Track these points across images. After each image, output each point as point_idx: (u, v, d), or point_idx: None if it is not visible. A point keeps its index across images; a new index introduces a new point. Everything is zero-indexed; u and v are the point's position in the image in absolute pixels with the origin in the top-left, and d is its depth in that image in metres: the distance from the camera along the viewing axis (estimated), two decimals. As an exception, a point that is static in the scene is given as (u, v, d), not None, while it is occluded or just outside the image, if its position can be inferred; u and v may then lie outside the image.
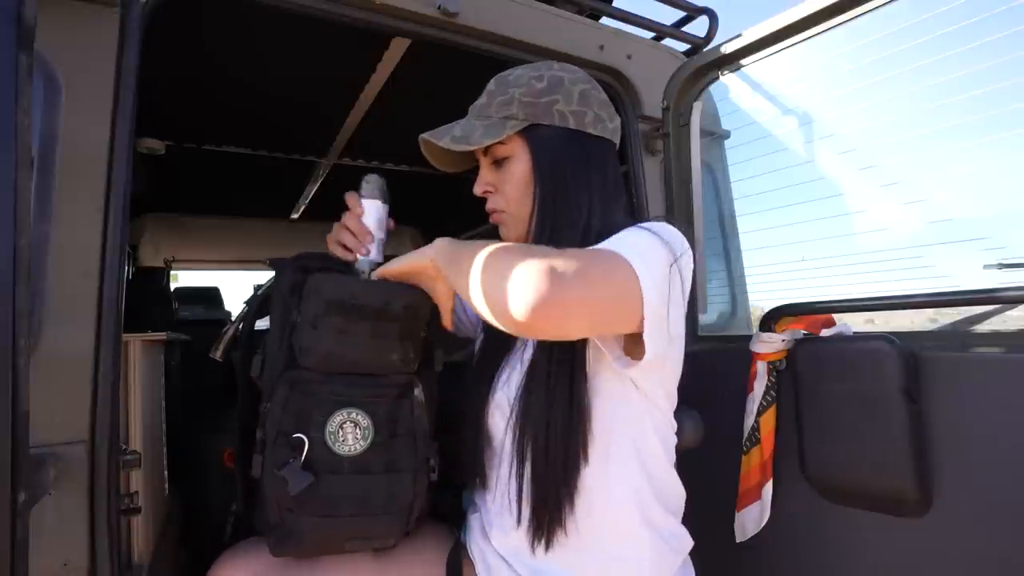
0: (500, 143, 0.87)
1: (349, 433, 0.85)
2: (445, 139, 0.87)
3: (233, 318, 1.03)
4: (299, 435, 0.83)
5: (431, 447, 0.93)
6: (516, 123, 0.86)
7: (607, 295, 0.66)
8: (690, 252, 0.80)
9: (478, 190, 0.92)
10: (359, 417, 0.86)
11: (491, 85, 0.92)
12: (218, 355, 1.00)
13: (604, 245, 0.73)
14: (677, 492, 0.93)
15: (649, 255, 0.71)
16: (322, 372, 0.85)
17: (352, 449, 0.86)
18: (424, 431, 0.91)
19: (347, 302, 0.84)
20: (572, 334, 0.68)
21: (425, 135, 0.90)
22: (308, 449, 0.83)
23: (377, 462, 0.88)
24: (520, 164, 0.88)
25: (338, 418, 0.85)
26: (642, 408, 0.85)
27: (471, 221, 3.14)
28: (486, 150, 0.89)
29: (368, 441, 0.86)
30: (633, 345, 0.76)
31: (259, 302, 0.97)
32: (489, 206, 0.92)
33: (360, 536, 0.90)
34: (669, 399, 0.89)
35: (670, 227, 0.80)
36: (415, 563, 0.97)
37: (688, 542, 0.94)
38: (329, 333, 0.84)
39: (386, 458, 0.88)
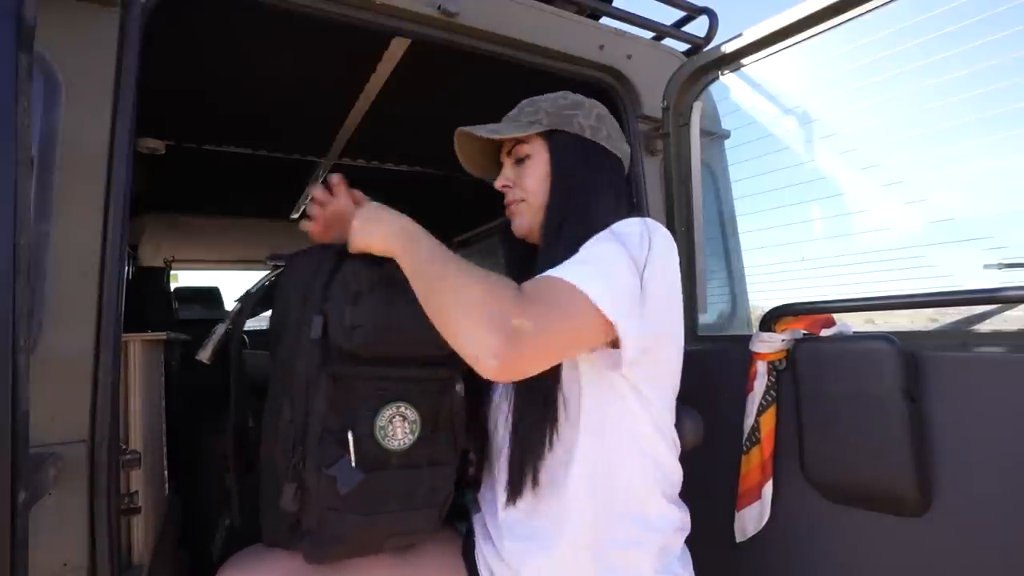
0: (523, 143, 0.99)
1: (398, 427, 0.85)
2: (481, 131, 0.98)
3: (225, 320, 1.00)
4: (347, 431, 0.82)
5: (468, 441, 0.94)
6: (539, 126, 0.98)
7: (565, 330, 0.74)
8: (660, 247, 0.83)
9: (498, 184, 1.02)
10: (407, 411, 0.86)
11: (523, 103, 1.03)
12: (206, 357, 0.97)
13: (568, 263, 0.80)
14: (675, 479, 0.96)
15: (611, 270, 0.78)
16: (371, 356, 0.84)
17: (401, 444, 0.85)
18: (462, 424, 0.92)
19: (387, 277, 0.84)
20: (541, 370, 0.75)
21: (464, 128, 1.00)
22: (356, 445, 0.82)
23: (421, 456, 0.87)
24: (539, 161, 0.98)
25: (387, 412, 0.85)
26: (636, 404, 0.88)
27: (469, 221, 3.14)
28: (510, 151, 1.02)
29: (416, 435, 0.86)
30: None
31: (256, 300, 0.95)
32: (508, 199, 1.01)
33: (401, 532, 0.90)
34: (663, 400, 0.91)
35: (634, 226, 0.84)
36: (433, 560, 1.00)
37: (676, 524, 0.93)
38: (375, 306, 0.84)
39: (430, 451, 0.88)
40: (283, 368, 0.89)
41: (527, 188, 0.98)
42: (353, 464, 0.81)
